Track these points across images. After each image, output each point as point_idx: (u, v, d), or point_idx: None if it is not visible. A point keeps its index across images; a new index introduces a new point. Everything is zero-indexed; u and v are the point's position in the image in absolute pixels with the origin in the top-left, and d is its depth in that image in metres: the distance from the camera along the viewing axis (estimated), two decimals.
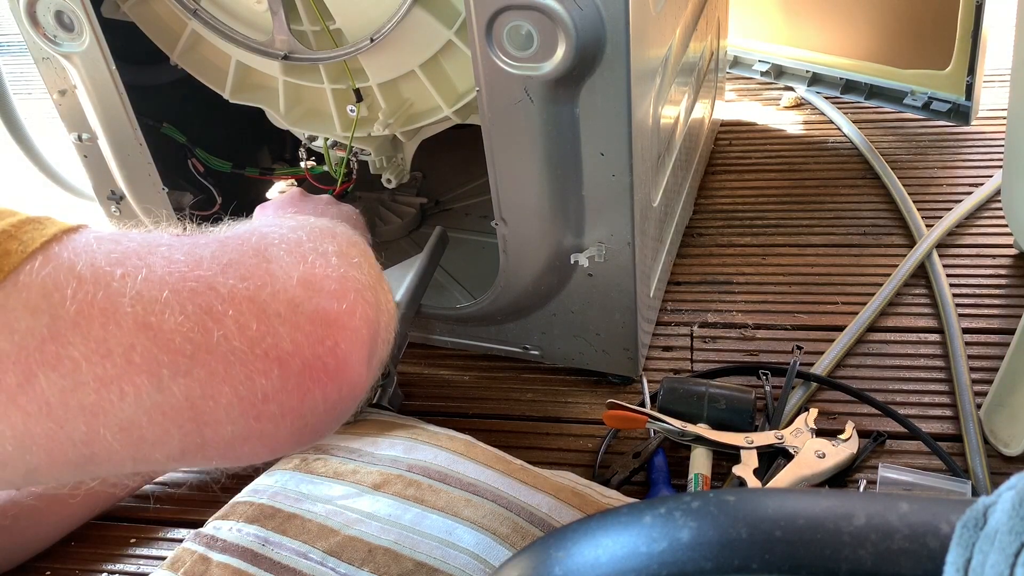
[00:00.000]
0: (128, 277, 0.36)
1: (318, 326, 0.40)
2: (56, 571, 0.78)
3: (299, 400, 0.39)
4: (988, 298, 0.97)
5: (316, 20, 0.79)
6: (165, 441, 0.37)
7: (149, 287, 0.36)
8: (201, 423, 0.37)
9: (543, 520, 0.68)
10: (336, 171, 0.97)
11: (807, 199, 1.16)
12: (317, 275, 0.42)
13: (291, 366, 0.38)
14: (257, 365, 0.37)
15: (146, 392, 0.35)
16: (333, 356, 0.40)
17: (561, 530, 0.39)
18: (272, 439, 0.40)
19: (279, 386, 0.38)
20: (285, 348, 0.38)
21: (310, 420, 0.40)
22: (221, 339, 0.37)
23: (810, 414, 0.81)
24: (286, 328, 0.39)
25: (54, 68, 0.87)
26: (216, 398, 0.37)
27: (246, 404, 0.37)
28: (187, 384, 0.36)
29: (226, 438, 0.38)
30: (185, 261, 0.38)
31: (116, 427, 0.35)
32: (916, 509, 0.31)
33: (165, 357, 0.36)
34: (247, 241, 0.42)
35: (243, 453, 0.40)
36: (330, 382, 0.40)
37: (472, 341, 0.95)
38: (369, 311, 0.43)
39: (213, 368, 0.37)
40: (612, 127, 0.71)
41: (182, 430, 0.37)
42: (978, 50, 1.11)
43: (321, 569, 0.64)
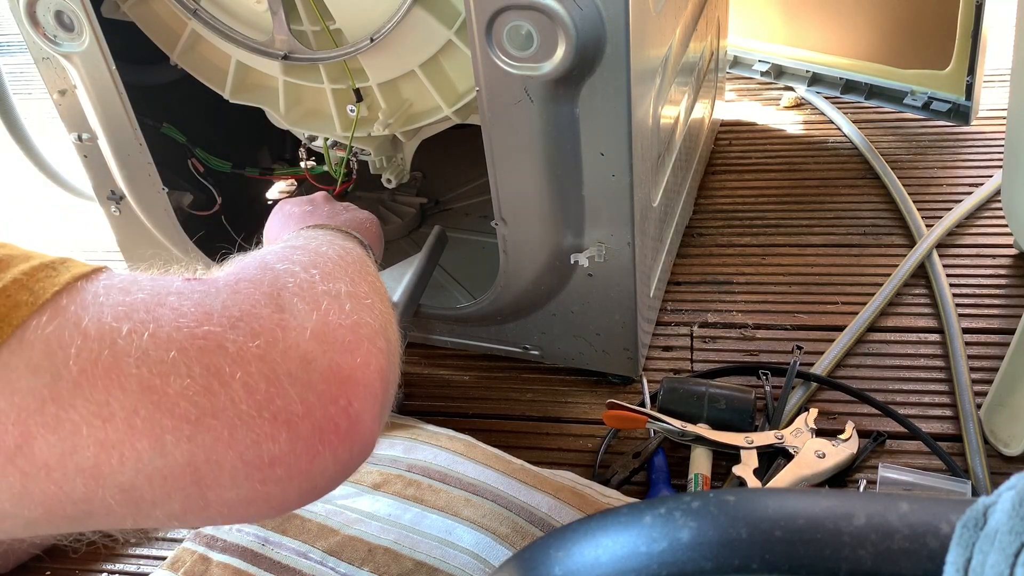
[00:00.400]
0: (135, 334, 0.35)
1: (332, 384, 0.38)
2: (56, 571, 0.78)
3: (308, 463, 0.37)
4: (988, 298, 0.97)
5: (316, 20, 0.79)
6: (166, 503, 0.36)
7: (156, 345, 0.35)
8: (204, 487, 0.36)
9: (543, 520, 0.68)
10: (336, 171, 0.97)
11: (807, 199, 1.16)
12: (331, 325, 0.40)
13: (301, 429, 0.37)
14: (265, 429, 0.36)
15: (147, 457, 0.34)
16: (346, 416, 0.38)
17: (561, 530, 0.39)
18: (279, 501, 0.38)
19: (287, 449, 0.37)
20: (295, 410, 0.37)
21: (319, 482, 0.39)
22: (228, 403, 0.35)
23: (810, 414, 0.81)
24: (297, 388, 0.37)
25: (54, 68, 0.87)
26: (220, 463, 0.36)
27: (251, 468, 0.36)
28: (190, 450, 0.35)
29: (230, 501, 0.37)
30: (194, 315, 0.37)
31: (115, 489, 0.35)
32: (916, 509, 0.31)
33: (168, 422, 0.35)
34: (259, 286, 0.40)
35: (247, 515, 0.39)
36: (341, 443, 0.38)
37: (472, 341, 0.95)
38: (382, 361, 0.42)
39: (218, 433, 0.35)
40: (612, 127, 0.71)
41: (184, 493, 0.36)
42: (978, 50, 1.11)
43: (321, 568, 0.65)
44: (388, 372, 0.43)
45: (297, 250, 0.47)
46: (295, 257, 0.45)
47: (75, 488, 0.34)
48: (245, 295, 0.39)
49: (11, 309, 0.33)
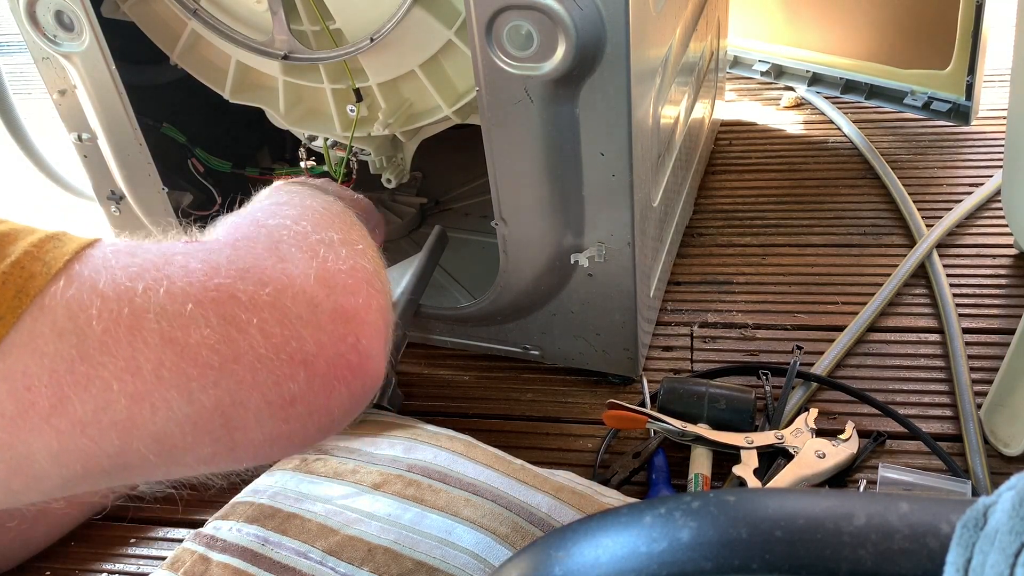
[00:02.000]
0: (150, 291, 0.36)
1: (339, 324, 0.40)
2: (56, 571, 0.78)
3: (326, 398, 0.40)
4: (988, 298, 0.97)
5: (316, 20, 0.79)
6: (196, 448, 0.38)
7: (172, 300, 0.37)
8: (232, 429, 0.38)
9: (543, 520, 0.68)
10: (336, 171, 0.97)
11: (807, 199, 1.16)
12: (331, 270, 0.42)
13: (316, 367, 0.39)
14: (284, 370, 0.38)
15: (177, 405, 0.36)
16: (356, 352, 0.41)
17: (561, 530, 0.39)
18: (301, 437, 0.41)
19: (306, 387, 0.39)
20: (309, 350, 0.39)
21: (336, 415, 0.41)
22: (247, 348, 0.37)
23: (810, 414, 0.81)
24: (309, 330, 0.39)
25: (54, 68, 0.87)
26: (246, 405, 0.37)
27: (275, 408, 0.38)
28: (216, 394, 0.37)
29: (256, 441, 0.39)
30: (203, 269, 0.38)
31: (149, 439, 0.36)
32: (916, 509, 0.31)
33: (194, 370, 0.36)
34: (257, 241, 0.42)
35: (272, 453, 0.41)
36: (354, 377, 0.41)
37: (472, 341, 0.95)
38: (381, 300, 0.44)
39: (241, 377, 0.37)
40: (612, 127, 0.71)
41: (213, 436, 0.38)
42: (978, 50, 1.11)
43: (321, 568, 0.65)
44: (387, 311, 0.45)
45: (284, 205, 0.49)
46: (284, 212, 0.47)
47: (110, 442, 0.36)
48: (246, 249, 0.41)
49: (27, 280, 0.34)
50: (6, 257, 0.35)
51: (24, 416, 0.34)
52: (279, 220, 0.45)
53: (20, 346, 0.34)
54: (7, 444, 0.34)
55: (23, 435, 0.34)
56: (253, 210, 0.49)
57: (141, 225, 0.96)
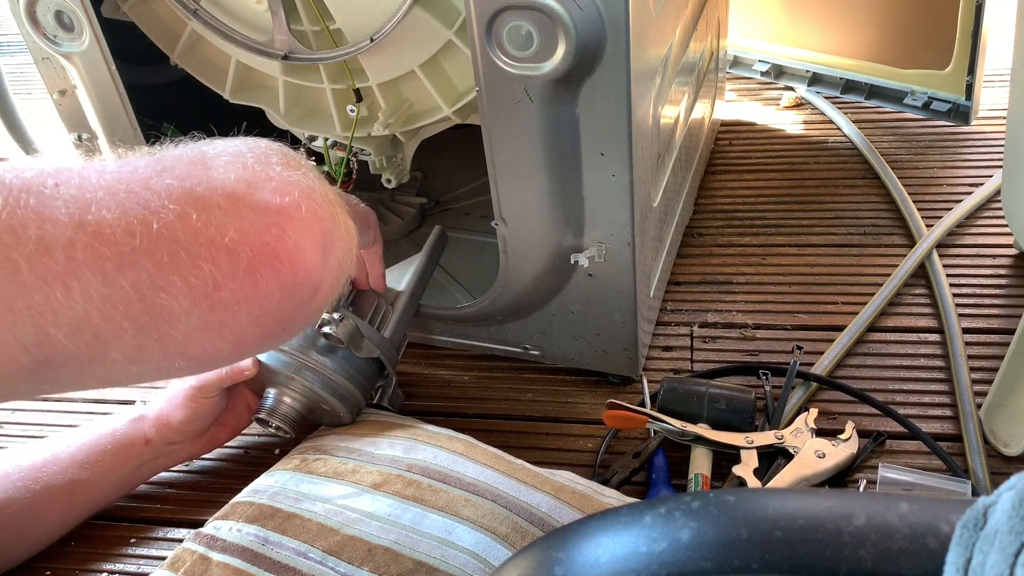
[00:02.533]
0: (60, 185, 0.36)
1: (261, 215, 0.40)
2: (56, 571, 0.78)
3: (252, 286, 0.39)
4: (988, 298, 0.97)
5: (316, 20, 0.79)
6: (120, 336, 0.37)
7: (82, 191, 0.36)
8: (154, 315, 0.37)
9: (543, 520, 0.68)
10: (336, 171, 0.97)
11: (807, 199, 1.16)
12: (258, 176, 0.41)
13: (239, 253, 0.38)
14: (203, 252, 0.37)
15: (92, 287, 0.35)
16: (281, 242, 0.40)
17: (561, 530, 0.39)
18: (232, 330, 0.39)
19: (229, 272, 0.38)
20: (231, 236, 0.38)
21: (269, 307, 0.40)
22: (162, 229, 0.36)
23: (810, 414, 0.81)
24: (229, 218, 0.38)
25: (54, 68, 0.87)
26: (166, 288, 0.36)
27: (198, 293, 0.37)
28: (134, 275, 0.36)
29: (183, 331, 0.38)
30: (118, 170, 0.38)
31: (67, 326, 0.35)
32: (916, 509, 0.31)
33: (107, 250, 0.35)
34: (184, 155, 0.42)
35: (206, 350, 0.40)
36: (283, 266, 0.40)
37: (472, 341, 0.95)
38: (317, 208, 0.43)
39: (158, 258, 0.36)
40: (612, 127, 0.71)
41: (135, 324, 0.37)
42: (978, 50, 1.11)
43: (321, 568, 0.65)
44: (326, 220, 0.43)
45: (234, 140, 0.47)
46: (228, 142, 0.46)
47: (26, 330, 0.34)
48: (168, 158, 0.41)
49: None
50: None
51: None
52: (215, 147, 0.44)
53: None
54: None
55: None
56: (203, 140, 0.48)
57: None
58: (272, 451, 0.87)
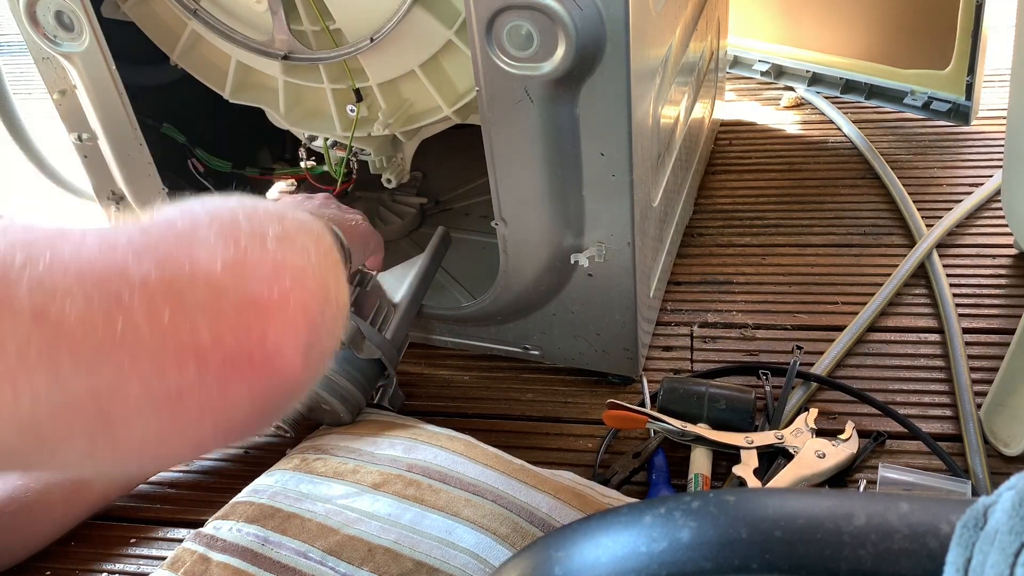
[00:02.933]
0: (29, 264, 0.33)
1: (244, 314, 0.36)
2: (56, 571, 0.78)
3: (220, 397, 0.35)
4: (988, 298, 0.97)
5: (316, 20, 0.79)
6: (70, 440, 0.34)
7: (51, 275, 0.33)
8: (110, 422, 0.34)
9: (543, 520, 0.68)
10: (336, 171, 0.97)
11: (807, 199, 1.16)
12: (248, 260, 0.37)
13: (210, 360, 0.35)
14: (170, 358, 0.34)
15: (44, 390, 0.32)
16: (261, 348, 0.36)
17: (561, 530, 0.39)
18: (193, 439, 0.37)
19: (195, 381, 0.34)
20: (203, 340, 0.34)
21: (236, 417, 0.37)
22: (128, 330, 0.33)
23: (810, 414, 0.81)
24: (206, 317, 0.35)
25: (54, 68, 0.87)
26: (124, 395, 0.33)
27: (158, 401, 0.34)
28: (90, 381, 0.33)
29: (140, 437, 0.35)
30: (97, 247, 0.35)
31: (14, 427, 0.32)
32: (916, 509, 0.31)
33: (64, 350, 0.32)
34: (173, 225, 0.38)
35: (163, 452, 0.37)
36: (257, 376, 0.36)
37: (472, 341, 0.95)
38: (308, 299, 0.39)
39: (119, 362, 0.33)
40: (612, 127, 0.71)
41: (88, 429, 0.34)
42: (978, 50, 1.11)
43: (321, 568, 0.65)
44: (317, 313, 0.39)
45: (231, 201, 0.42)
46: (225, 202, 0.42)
47: None
48: (156, 233, 0.37)
49: None
50: None
51: None
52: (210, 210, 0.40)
53: None
54: None
55: None
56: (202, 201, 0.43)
57: None
58: (272, 451, 0.87)
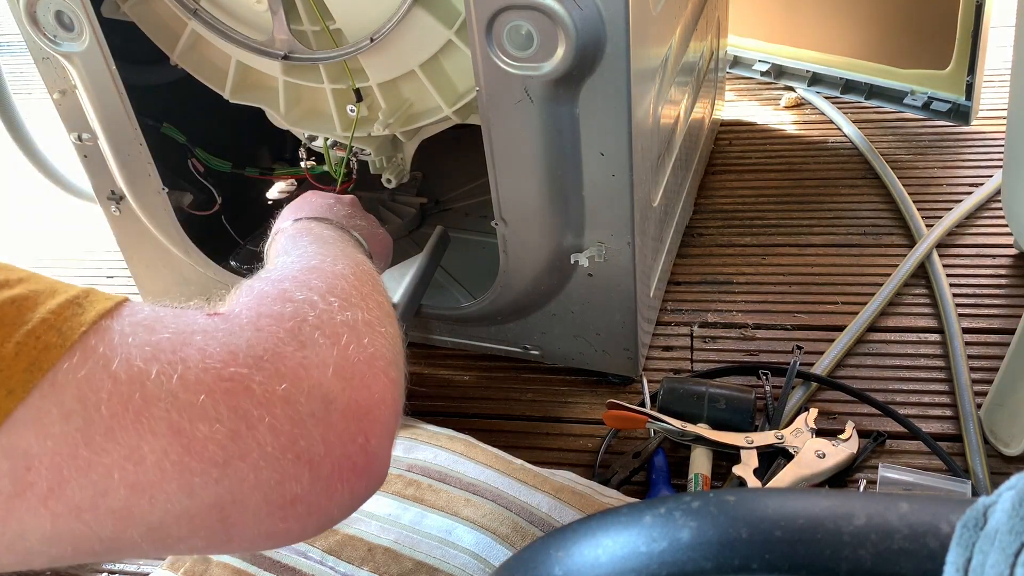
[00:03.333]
0: (163, 376, 0.35)
1: (351, 423, 0.40)
2: (56, 571, 0.78)
3: (327, 499, 0.39)
4: (988, 298, 0.97)
5: (316, 20, 0.79)
6: (190, 539, 0.37)
7: (184, 388, 0.36)
8: (228, 525, 0.37)
9: (543, 520, 0.68)
10: (336, 171, 0.97)
11: (807, 199, 1.16)
12: (350, 359, 0.41)
13: (322, 468, 0.38)
14: (288, 470, 0.37)
15: (176, 499, 0.35)
16: (364, 453, 0.40)
17: (561, 530, 0.39)
18: (297, 534, 0.40)
19: (308, 489, 0.38)
20: (317, 451, 0.38)
21: (335, 515, 0.40)
22: (254, 446, 0.36)
23: (810, 414, 0.81)
24: (320, 429, 0.38)
25: (54, 68, 0.87)
26: (245, 503, 0.37)
27: (274, 507, 0.37)
28: (217, 491, 0.36)
29: (251, 537, 0.38)
30: (220, 355, 0.37)
31: (144, 528, 0.35)
32: (916, 509, 0.31)
33: (197, 465, 0.35)
34: (281, 322, 0.41)
35: (265, 547, 0.41)
36: (358, 479, 0.40)
37: (472, 341, 0.95)
38: (395, 393, 0.44)
39: (244, 475, 0.36)
40: (612, 127, 0.71)
41: (208, 531, 0.37)
42: (978, 50, 1.11)
43: (320, 568, 0.65)
44: (399, 404, 0.44)
45: (314, 271, 0.48)
46: (313, 284, 0.46)
47: (104, 528, 0.35)
48: (268, 332, 0.40)
49: (41, 352, 0.33)
50: (23, 324, 0.33)
51: (21, 496, 0.33)
52: (307, 294, 0.44)
53: (26, 424, 0.33)
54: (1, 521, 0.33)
55: (18, 515, 0.33)
56: (282, 274, 0.48)
57: (141, 225, 0.96)
58: None
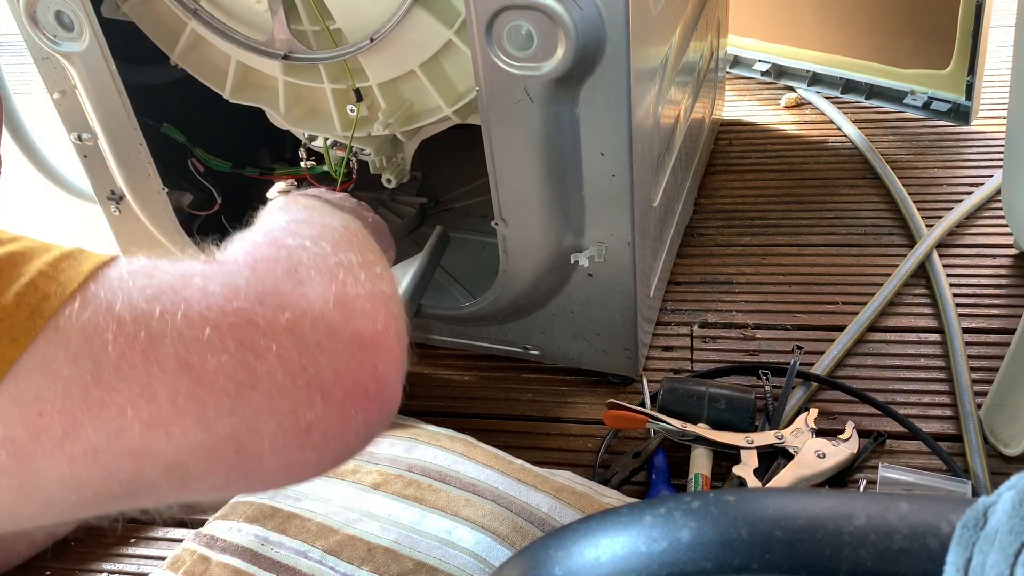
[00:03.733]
0: (167, 314, 0.36)
1: (357, 350, 0.40)
2: (56, 571, 0.78)
3: (342, 426, 0.39)
4: (988, 298, 0.97)
5: (316, 20, 0.79)
6: (209, 476, 0.37)
7: (189, 325, 0.36)
8: (246, 456, 0.37)
9: (543, 520, 0.68)
10: (336, 171, 0.97)
11: (807, 199, 1.16)
12: (349, 295, 0.42)
13: (334, 394, 0.38)
14: (300, 397, 0.37)
15: (192, 433, 0.35)
16: (373, 379, 0.40)
17: (561, 530, 0.39)
18: (315, 464, 0.40)
19: (323, 415, 0.38)
20: (327, 377, 0.38)
21: (352, 442, 0.40)
22: (264, 375, 0.37)
23: (810, 414, 0.81)
24: (327, 357, 0.38)
25: (54, 68, 0.87)
26: (261, 433, 0.37)
27: (290, 436, 0.37)
28: (232, 422, 0.36)
29: (270, 469, 0.38)
30: (222, 292, 0.38)
31: (162, 466, 0.36)
32: (916, 509, 0.31)
33: (210, 397, 0.35)
34: (277, 263, 0.42)
35: (285, 480, 0.41)
36: (371, 405, 0.40)
37: (472, 341, 0.95)
38: (399, 324, 0.44)
39: (258, 404, 0.36)
40: (612, 127, 0.71)
41: (226, 464, 0.37)
42: (978, 50, 1.11)
43: (321, 568, 0.65)
44: (404, 336, 0.45)
45: (302, 223, 0.48)
46: (304, 231, 0.46)
47: (122, 468, 0.35)
48: (265, 271, 0.41)
49: (41, 300, 0.34)
50: (20, 277, 0.34)
51: (36, 442, 0.33)
52: (299, 240, 0.45)
53: (33, 370, 0.33)
54: (18, 470, 0.33)
55: (35, 461, 0.33)
56: (271, 227, 0.48)
57: (141, 225, 0.96)
58: None
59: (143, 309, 0.35)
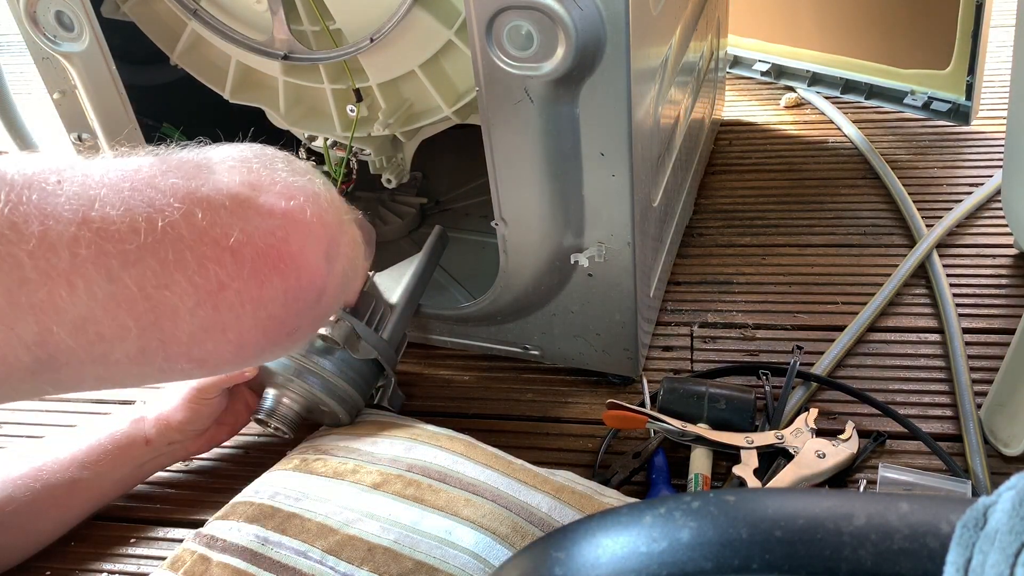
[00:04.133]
0: (63, 182, 0.35)
1: (266, 218, 0.39)
2: (56, 571, 0.78)
3: (257, 288, 0.38)
4: (988, 298, 0.97)
5: (316, 20, 0.79)
6: (123, 336, 0.36)
7: (85, 188, 0.36)
8: (159, 314, 0.36)
9: (543, 520, 0.68)
10: (336, 171, 0.97)
11: (807, 199, 1.16)
12: (263, 180, 0.41)
13: (244, 255, 0.38)
14: (208, 252, 0.37)
15: (97, 284, 0.35)
16: (286, 246, 0.39)
17: (561, 530, 0.39)
18: (236, 333, 0.39)
19: (234, 273, 0.37)
20: (236, 237, 0.38)
21: (273, 311, 0.40)
22: (167, 228, 0.36)
23: (810, 414, 0.81)
24: (234, 219, 0.38)
25: (54, 68, 0.87)
26: (171, 287, 0.36)
27: (202, 292, 0.37)
28: (139, 273, 0.35)
29: (187, 331, 0.37)
30: (121, 168, 0.38)
31: (70, 324, 0.35)
32: (916, 509, 0.31)
33: (112, 247, 0.35)
34: (187, 157, 0.41)
35: (209, 352, 0.39)
36: (287, 270, 0.39)
37: (472, 341, 0.95)
38: (323, 214, 0.43)
39: (163, 256, 0.36)
40: (612, 127, 0.71)
41: (140, 323, 0.36)
42: (978, 50, 1.11)
43: (321, 568, 0.65)
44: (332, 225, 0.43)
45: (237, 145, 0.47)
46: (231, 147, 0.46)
47: (28, 328, 0.34)
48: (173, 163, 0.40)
49: None
50: None
51: None
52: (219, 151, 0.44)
53: None
54: None
55: None
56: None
57: None
58: (272, 451, 0.87)
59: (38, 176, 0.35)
